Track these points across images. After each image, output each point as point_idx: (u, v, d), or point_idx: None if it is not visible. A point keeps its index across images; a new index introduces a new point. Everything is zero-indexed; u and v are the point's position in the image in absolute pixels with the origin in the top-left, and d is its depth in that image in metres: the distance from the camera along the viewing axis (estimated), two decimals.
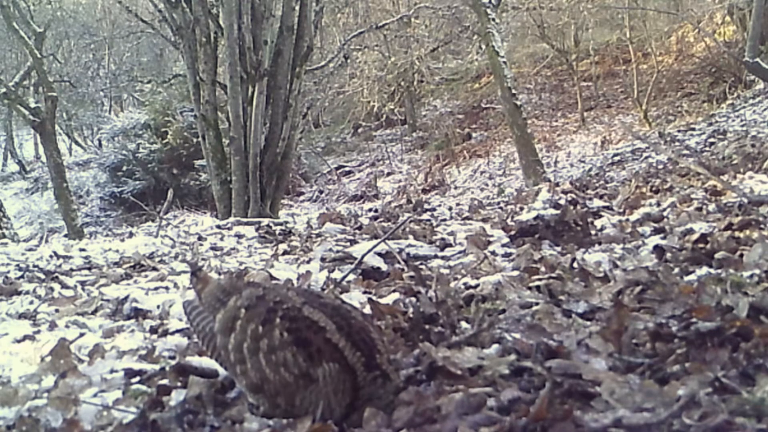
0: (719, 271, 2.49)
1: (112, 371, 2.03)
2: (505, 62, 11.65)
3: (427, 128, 20.27)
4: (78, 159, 22.84)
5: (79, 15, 23.52)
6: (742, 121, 12.06)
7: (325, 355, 1.51)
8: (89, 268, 4.45)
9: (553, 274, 2.72)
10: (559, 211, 4.23)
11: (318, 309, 1.62)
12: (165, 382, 1.88)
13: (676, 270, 2.63)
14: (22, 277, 4.08)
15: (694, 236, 3.13)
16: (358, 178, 17.92)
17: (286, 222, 7.09)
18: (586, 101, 17.76)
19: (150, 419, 1.59)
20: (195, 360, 1.97)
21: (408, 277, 3.11)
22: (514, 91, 11.53)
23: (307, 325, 1.56)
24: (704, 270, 2.54)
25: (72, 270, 4.38)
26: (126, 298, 3.05)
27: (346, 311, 1.65)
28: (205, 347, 1.71)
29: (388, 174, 17.73)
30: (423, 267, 3.44)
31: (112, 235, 8.89)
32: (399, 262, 3.52)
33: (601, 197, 6.05)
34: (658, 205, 4.91)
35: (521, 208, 5.74)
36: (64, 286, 3.67)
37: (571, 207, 4.60)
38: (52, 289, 3.56)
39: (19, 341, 2.50)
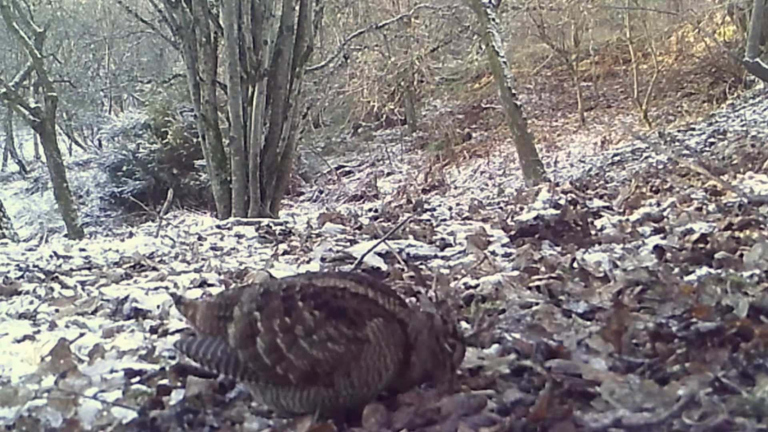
0: (719, 271, 2.49)
1: (112, 371, 2.03)
2: (505, 62, 11.65)
3: (427, 128, 20.27)
4: (78, 159, 22.86)
5: (79, 15, 23.55)
6: (742, 121, 12.06)
7: (364, 313, 1.50)
8: (89, 268, 4.45)
9: (553, 274, 2.73)
10: (559, 211, 4.23)
11: (325, 278, 1.62)
12: (165, 382, 1.88)
13: (676, 270, 2.63)
14: (22, 277, 4.08)
15: (694, 236, 3.13)
16: (358, 178, 17.92)
17: (286, 222, 7.09)
18: (586, 101, 17.77)
19: (150, 419, 1.59)
20: None
21: (408, 277, 3.11)
22: (514, 91, 11.54)
23: (331, 295, 1.54)
24: (704, 270, 2.54)
25: (72, 270, 4.38)
26: (126, 298, 3.05)
27: (347, 272, 1.64)
28: (224, 372, 1.56)
29: (388, 174, 17.73)
30: (423, 267, 3.44)
31: (112, 235, 8.89)
32: (399, 262, 3.52)
33: (601, 197, 6.05)
34: (658, 205, 4.90)
35: (521, 208, 5.74)
36: (64, 286, 3.67)
37: (571, 207, 4.60)
38: (52, 289, 3.56)
39: (19, 341, 2.50)
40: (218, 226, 6.65)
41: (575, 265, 2.90)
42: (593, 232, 4.04)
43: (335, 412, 1.50)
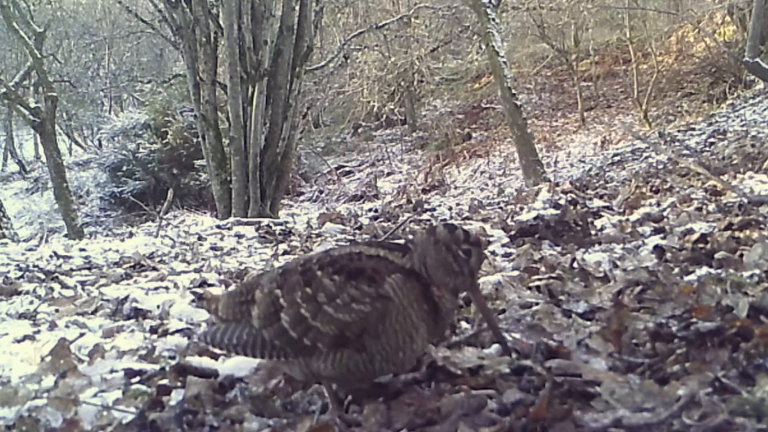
0: (719, 271, 2.49)
1: (112, 371, 2.03)
2: (505, 62, 11.65)
3: (427, 128, 20.27)
4: (78, 159, 22.86)
5: (79, 15, 23.56)
6: (742, 121, 12.06)
7: (382, 270, 1.50)
8: (89, 268, 4.45)
9: (553, 274, 2.72)
10: (559, 211, 4.23)
11: (339, 249, 1.63)
12: (165, 382, 1.88)
13: (676, 270, 2.63)
14: (22, 277, 4.08)
15: (694, 236, 3.13)
16: (358, 178, 17.92)
17: (286, 222, 7.09)
18: (586, 101, 17.77)
19: (149, 419, 1.59)
20: (195, 360, 1.97)
21: None
22: (514, 91, 11.53)
23: (347, 259, 1.54)
24: (704, 270, 2.54)
25: (72, 270, 4.37)
26: (126, 298, 3.05)
27: (359, 241, 1.64)
28: (251, 353, 1.59)
29: (388, 174, 17.73)
30: None
31: (112, 235, 8.89)
32: None
33: (601, 197, 6.04)
34: (658, 205, 4.90)
35: (521, 208, 5.74)
36: (64, 286, 3.67)
37: (571, 207, 4.60)
38: (52, 289, 3.56)
39: (19, 341, 2.50)
40: (218, 226, 6.64)
41: (575, 265, 2.90)
42: (593, 232, 4.04)
43: (370, 379, 1.50)
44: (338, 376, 1.53)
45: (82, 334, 2.51)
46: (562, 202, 5.27)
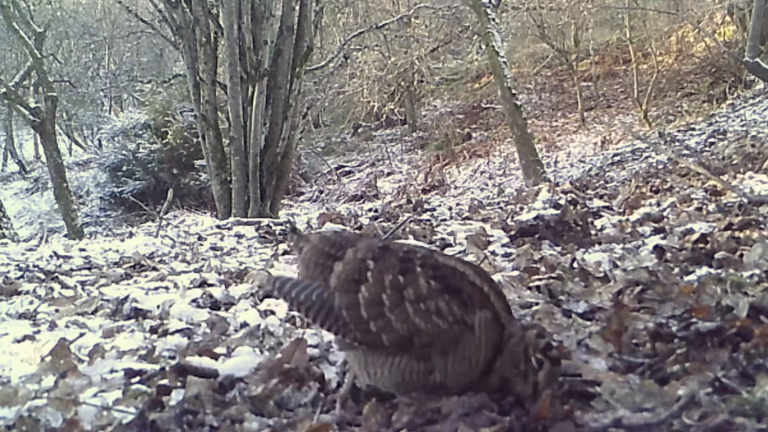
0: (719, 271, 2.49)
1: (112, 371, 2.02)
2: (505, 62, 11.65)
3: (427, 128, 20.28)
4: (78, 159, 22.86)
5: (79, 15, 23.57)
6: (742, 121, 12.05)
7: (476, 302, 1.47)
8: (89, 268, 4.45)
9: (553, 274, 2.73)
10: (559, 211, 4.23)
11: (445, 257, 1.59)
12: (165, 382, 1.87)
13: (676, 270, 2.63)
14: (22, 277, 4.08)
15: (694, 236, 3.13)
16: (358, 178, 17.92)
17: (286, 222, 7.09)
18: (586, 101, 17.77)
19: (149, 419, 1.59)
20: (195, 360, 1.97)
21: None
22: (514, 91, 11.53)
23: (450, 272, 1.50)
24: (704, 270, 2.54)
25: (72, 270, 4.37)
26: (126, 298, 3.05)
27: (468, 261, 1.63)
28: (314, 318, 1.53)
29: (388, 174, 17.73)
30: None
31: (112, 235, 8.89)
32: None
33: (601, 197, 6.04)
34: (658, 205, 4.90)
35: (521, 208, 5.74)
36: (64, 286, 3.66)
37: (571, 207, 4.60)
38: (52, 289, 3.55)
39: (19, 341, 2.49)
40: (218, 226, 6.65)
41: (575, 265, 2.90)
42: (593, 232, 4.04)
43: (424, 388, 1.47)
44: (393, 385, 1.49)
45: (82, 334, 2.51)
46: (562, 202, 5.27)
